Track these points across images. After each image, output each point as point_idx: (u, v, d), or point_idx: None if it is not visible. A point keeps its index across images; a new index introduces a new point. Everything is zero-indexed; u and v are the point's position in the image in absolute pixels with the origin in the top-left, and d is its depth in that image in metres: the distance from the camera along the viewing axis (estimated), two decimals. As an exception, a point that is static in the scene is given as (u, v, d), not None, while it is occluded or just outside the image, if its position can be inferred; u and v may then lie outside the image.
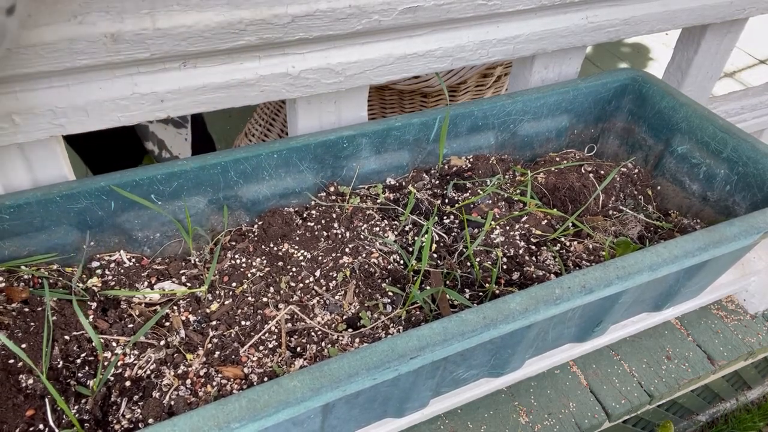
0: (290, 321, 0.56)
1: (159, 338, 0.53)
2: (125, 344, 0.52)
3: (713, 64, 0.90)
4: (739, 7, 0.81)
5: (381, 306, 0.57)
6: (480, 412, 0.78)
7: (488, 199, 0.68)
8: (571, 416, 0.79)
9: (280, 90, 0.59)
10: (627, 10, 0.74)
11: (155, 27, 0.49)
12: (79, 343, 0.52)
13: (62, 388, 0.49)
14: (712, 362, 0.89)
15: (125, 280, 0.57)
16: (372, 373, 0.41)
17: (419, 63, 0.65)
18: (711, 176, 0.69)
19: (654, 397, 0.83)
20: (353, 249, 0.62)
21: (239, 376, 0.50)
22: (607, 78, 0.77)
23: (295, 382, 0.39)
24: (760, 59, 2.70)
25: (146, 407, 0.48)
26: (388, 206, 0.68)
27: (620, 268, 0.51)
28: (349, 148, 0.67)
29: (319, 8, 0.54)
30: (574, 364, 0.85)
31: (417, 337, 0.43)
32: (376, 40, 0.61)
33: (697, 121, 0.70)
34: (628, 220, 0.68)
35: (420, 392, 0.53)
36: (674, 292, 0.65)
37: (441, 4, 0.60)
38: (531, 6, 0.65)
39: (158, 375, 0.50)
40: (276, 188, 0.65)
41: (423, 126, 0.69)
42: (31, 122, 0.51)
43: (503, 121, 0.74)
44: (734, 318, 0.96)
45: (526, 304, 0.47)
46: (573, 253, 0.63)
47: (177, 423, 0.37)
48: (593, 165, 0.74)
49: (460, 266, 0.61)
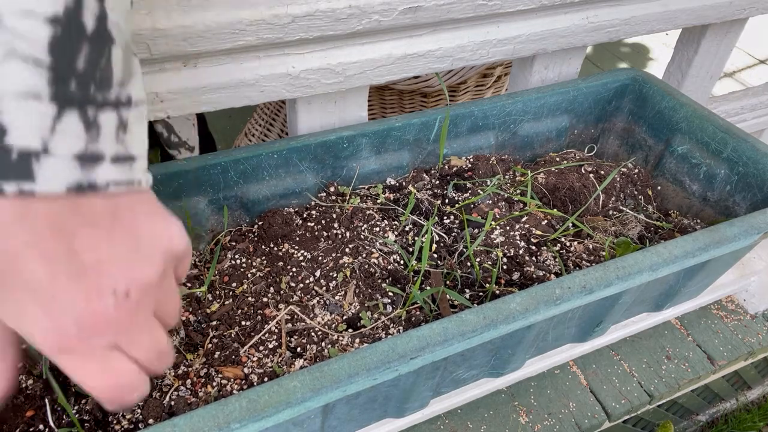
0: (290, 321, 0.56)
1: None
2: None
3: (713, 64, 0.90)
4: (739, 7, 0.81)
5: (381, 306, 0.57)
6: (480, 412, 0.78)
7: (488, 199, 0.68)
8: (571, 416, 0.79)
9: (280, 90, 0.59)
10: (627, 10, 0.74)
11: (154, 27, 0.49)
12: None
13: (62, 388, 0.49)
14: (712, 362, 0.89)
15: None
16: (372, 373, 0.41)
17: (419, 63, 0.65)
18: (711, 176, 0.69)
19: (654, 397, 0.83)
20: (353, 249, 0.62)
21: (239, 376, 0.50)
22: (607, 78, 0.78)
23: (295, 382, 0.39)
24: (760, 59, 2.70)
25: (146, 407, 0.48)
26: (388, 206, 0.68)
27: (620, 269, 0.51)
28: (349, 148, 0.67)
29: (319, 8, 0.54)
30: (574, 364, 0.85)
31: (417, 338, 0.43)
32: (376, 40, 0.61)
33: (697, 121, 0.70)
34: (628, 221, 0.68)
35: (420, 392, 0.53)
36: (674, 292, 0.65)
37: (441, 5, 0.60)
38: (531, 6, 0.65)
39: (159, 375, 0.50)
40: (276, 188, 0.65)
41: (423, 126, 0.69)
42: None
43: (503, 121, 0.74)
44: (734, 318, 0.96)
45: (527, 305, 0.47)
46: (573, 254, 0.63)
47: (177, 423, 0.37)
48: (593, 165, 0.74)
49: (461, 266, 0.61)
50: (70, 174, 0.32)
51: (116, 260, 0.35)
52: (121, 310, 0.35)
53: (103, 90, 0.33)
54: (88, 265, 0.34)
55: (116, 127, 0.35)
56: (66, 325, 0.34)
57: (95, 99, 0.33)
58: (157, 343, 0.38)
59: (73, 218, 0.33)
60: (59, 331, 0.34)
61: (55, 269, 0.33)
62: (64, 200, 0.33)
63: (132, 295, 0.36)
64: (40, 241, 0.32)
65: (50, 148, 0.32)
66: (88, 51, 0.32)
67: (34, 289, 0.33)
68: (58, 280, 0.33)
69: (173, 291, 0.40)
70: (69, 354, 0.35)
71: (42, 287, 0.33)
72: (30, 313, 0.33)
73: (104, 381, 0.36)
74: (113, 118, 0.34)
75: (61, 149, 0.32)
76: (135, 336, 0.37)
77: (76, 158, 0.33)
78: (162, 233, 0.38)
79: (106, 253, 0.35)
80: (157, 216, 0.38)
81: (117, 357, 0.36)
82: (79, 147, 0.33)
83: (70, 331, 0.34)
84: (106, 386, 0.36)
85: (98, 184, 0.34)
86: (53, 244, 0.33)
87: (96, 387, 0.36)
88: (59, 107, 0.31)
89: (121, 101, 0.35)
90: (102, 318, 0.35)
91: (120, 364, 0.37)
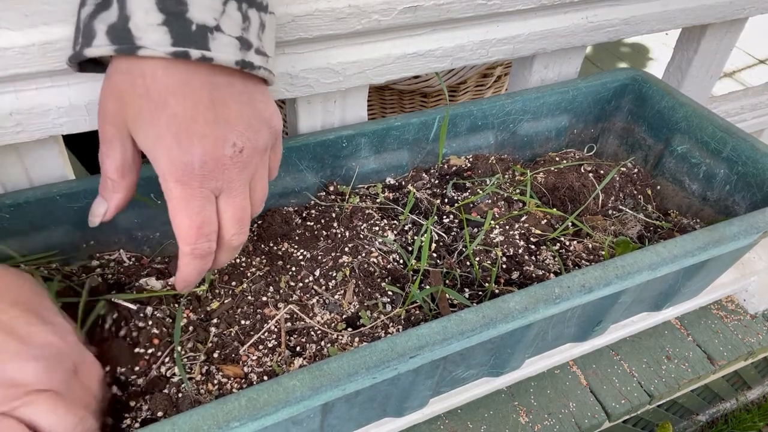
0: (290, 320, 0.56)
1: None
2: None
3: (713, 64, 0.91)
4: (738, 7, 0.81)
5: (380, 305, 0.57)
6: (480, 412, 0.78)
7: (488, 199, 0.68)
8: (571, 416, 0.79)
9: (280, 89, 0.59)
10: (627, 10, 0.74)
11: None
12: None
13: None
14: (712, 362, 0.89)
15: (125, 279, 0.57)
16: (372, 372, 0.41)
17: (419, 63, 0.65)
18: (711, 176, 0.69)
19: (654, 397, 0.83)
20: (353, 248, 0.62)
21: (239, 374, 0.50)
22: (607, 78, 0.78)
23: (294, 381, 0.40)
24: (760, 59, 2.70)
25: (153, 400, 0.48)
26: (388, 206, 0.68)
27: (620, 268, 0.51)
28: (348, 147, 0.67)
29: (318, 8, 0.54)
30: (574, 364, 0.85)
31: (416, 337, 0.43)
32: (375, 39, 0.61)
33: (696, 120, 0.70)
34: (628, 220, 0.68)
35: (420, 392, 0.53)
36: (674, 292, 0.65)
37: (441, 4, 0.60)
38: (531, 6, 0.65)
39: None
40: (275, 187, 0.65)
41: (422, 126, 0.69)
42: (31, 122, 0.51)
43: (503, 120, 0.74)
44: (734, 318, 0.96)
45: (526, 304, 0.47)
46: (572, 253, 0.63)
47: (177, 422, 0.37)
48: (593, 165, 0.74)
49: (460, 266, 0.61)
50: (235, 52, 0.41)
51: (241, 121, 0.42)
52: (235, 162, 0.42)
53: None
54: (221, 117, 0.41)
55: (258, 26, 0.43)
56: (191, 158, 0.40)
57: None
58: (243, 210, 0.45)
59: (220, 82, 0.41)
60: (183, 162, 0.40)
61: (197, 111, 0.40)
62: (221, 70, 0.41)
63: (245, 153, 0.43)
64: (193, 91, 0.40)
65: (222, 27, 0.40)
66: None
67: (177, 123, 0.40)
68: (197, 121, 0.40)
69: (265, 172, 0.47)
70: (182, 185, 0.41)
71: (184, 123, 0.40)
72: (166, 142, 0.40)
73: (195, 220, 0.42)
74: (257, 17, 0.42)
75: (228, 29, 0.40)
76: (233, 192, 0.44)
77: (237, 39, 0.41)
78: (270, 112, 0.45)
79: (235, 113, 0.42)
80: (268, 100, 0.45)
81: (212, 206, 0.43)
82: (238, 32, 0.41)
83: (193, 163, 0.40)
84: (194, 225, 0.42)
85: (255, 64, 0.42)
86: (200, 94, 0.40)
87: (184, 224, 0.42)
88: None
89: (262, 5, 0.43)
90: (219, 163, 0.41)
91: (212, 214, 0.43)
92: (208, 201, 0.42)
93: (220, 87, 0.41)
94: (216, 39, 0.39)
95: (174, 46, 0.38)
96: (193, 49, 0.38)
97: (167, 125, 0.40)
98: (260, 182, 0.46)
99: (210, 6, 0.39)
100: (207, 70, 0.40)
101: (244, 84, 0.43)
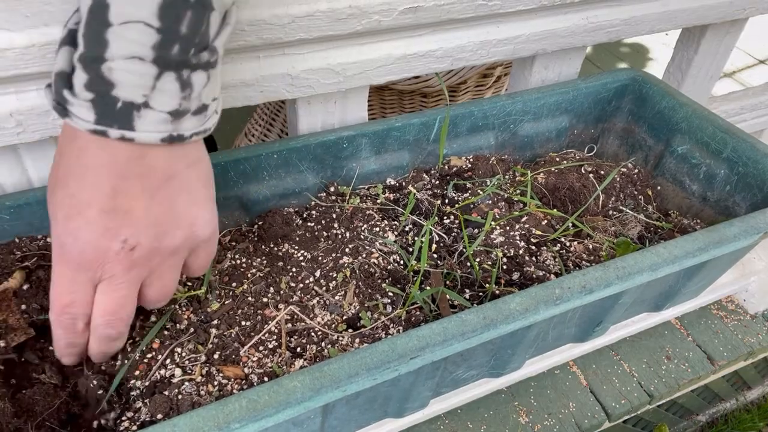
0: (290, 321, 0.56)
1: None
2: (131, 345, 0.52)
3: (713, 64, 0.90)
4: (739, 7, 0.81)
5: (381, 306, 0.57)
6: (480, 412, 0.78)
7: (488, 200, 0.68)
8: (571, 416, 0.79)
9: (280, 90, 0.59)
10: (627, 10, 0.74)
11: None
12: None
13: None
14: (712, 362, 0.89)
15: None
16: (372, 373, 0.41)
17: (419, 63, 0.65)
18: (711, 176, 0.69)
19: (654, 397, 0.83)
20: (353, 249, 0.62)
21: (240, 376, 0.50)
22: (607, 78, 0.78)
23: (295, 382, 0.40)
24: (760, 59, 2.70)
25: (153, 403, 0.48)
26: (388, 206, 0.68)
27: (620, 269, 0.51)
28: (348, 148, 0.67)
29: (319, 8, 0.54)
30: (574, 364, 0.85)
31: (417, 338, 0.43)
32: (376, 40, 0.61)
33: (697, 121, 0.70)
34: (628, 221, 0.68)
35: (420, 392, 0.53)
36: (674, 293, 0.65)
37: (441, 5, 0.60)
38: (531, 6, 0.65)
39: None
40: (276, 188, 0.65)
41: (423, 126, 0.69)
42: (31, 122, 0.51)
43: (503, 121, 0.74)
44: (734, 318, 0.96)
45: (526, 305, 0.47)
46: (573, 254, 0.63)
47: (177, 423, 0.37)
48: (593, 165, 0.74)
49: (460, 266, 0.61)
50: (165, 127, 0.38)
51: (145, 218, 0.40)
52: (121, 258, 0.40)
53: (199, 53, 0.39)
54: (121, 209, 0.39)
55: (203, 85, 0.40)
56: (72, 243, 0.39)
57: (190, 62, 0.38)
58: (120, 305, 0.42)
59: (135, 166, 0.39)
60: (63, 243, 0.39)
61: (94, 198, 0.38)
62: (140, 149, 0.38)
63: (137, 251, 0.40)
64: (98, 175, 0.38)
65: (151, 103, 0.37)
66: (190, 16, 0.37)
67: (70, 204, 0.38)
68: (91, 207, 0.38)
69: (171, 273, 0.44)
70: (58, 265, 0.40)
71: (77, 206, 0.38)
72: (57, 217, 0.39)
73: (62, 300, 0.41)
74: (203, 77, 0.39)
75: (159, 105, 0.37)
76: (112, 285, 0.41)
77: (170, 114, 0.38)
78: (193, 215, 0.43)
79: (142, 208, 0.40)
80: (198, 197, 0.43)
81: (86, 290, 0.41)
82: (174, 104, 0.38)
83: (72, 249, 0.39)
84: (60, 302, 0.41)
85: (185, 135, 0.39)
86: (105, 179, 0.38)
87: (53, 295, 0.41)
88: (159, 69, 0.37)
89: (211, 62, 0.40)
90: (100, 254, 0.39)
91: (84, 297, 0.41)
92: (82, 285, 0.41)
93: (135, 175, 0.39)
94: (142, 117, 0.37)
95: (96, 124, 0.36)
96: (113, 128, 0.37)
97: (61, 202, 0.39)
98: (159, 281, 0.44)
99: (138, 83, 0.37)
100: (131, 148, 0.38)
101: (171, 167, 0.40)
